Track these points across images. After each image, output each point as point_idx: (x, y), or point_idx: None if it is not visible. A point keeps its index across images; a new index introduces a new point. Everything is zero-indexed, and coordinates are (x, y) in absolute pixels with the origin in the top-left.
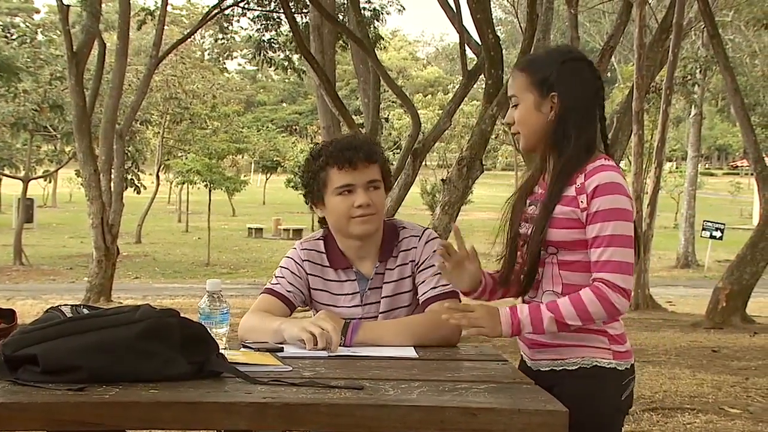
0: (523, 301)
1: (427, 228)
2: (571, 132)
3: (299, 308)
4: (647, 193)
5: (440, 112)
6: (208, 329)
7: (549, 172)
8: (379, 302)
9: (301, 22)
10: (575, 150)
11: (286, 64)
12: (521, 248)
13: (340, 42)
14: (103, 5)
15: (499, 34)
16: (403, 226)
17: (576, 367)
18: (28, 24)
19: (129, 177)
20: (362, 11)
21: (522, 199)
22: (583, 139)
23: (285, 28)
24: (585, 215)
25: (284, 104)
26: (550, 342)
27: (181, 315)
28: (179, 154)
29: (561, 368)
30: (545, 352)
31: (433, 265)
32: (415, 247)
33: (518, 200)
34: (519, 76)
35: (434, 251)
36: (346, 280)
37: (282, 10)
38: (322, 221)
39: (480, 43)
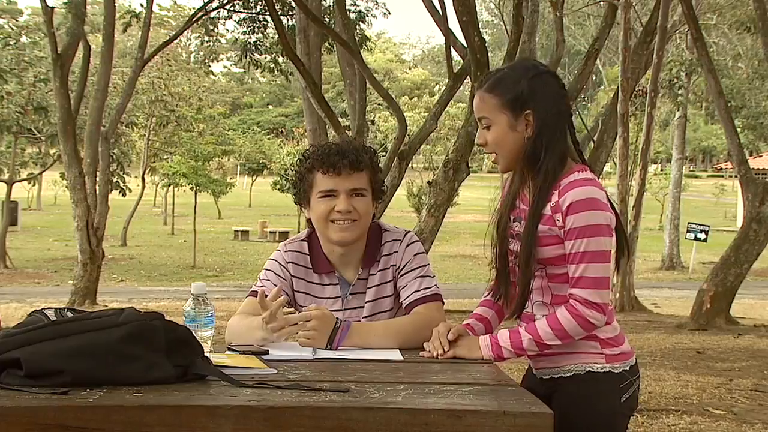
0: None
1: (409, 231)
2: (547, 146)
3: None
4: (632, 195)
5: (426, 114)
6: (193, 332)
7: (529, 188)
8: (362, 307)
9: (287, 25)
10: (551, 163)
11: (272, 66)
12: (511, 262)
13: (326, 44)
14: (88, 7)
15: (485, 36)
16: (385, 230)
17: (571, 374)
18: (12, 26)
19: (114, 179)
20: (348, 13)
21: (506, 215)
22: (558, 151)
23: (271, 30)
24: (562, 232)
25: (270, 106)
26: (544, 352)
27: (167, 318)
28: (165, 157)
29: (558, 375)
30: (543, 360)
31: (416, 268)
32: (397, 252)
33: (502, 217)
34: (489, 98)
35: (415, 255)
36: (328, 284)
37: (268, 13)
38: (310, 222)
39: (466, 45)
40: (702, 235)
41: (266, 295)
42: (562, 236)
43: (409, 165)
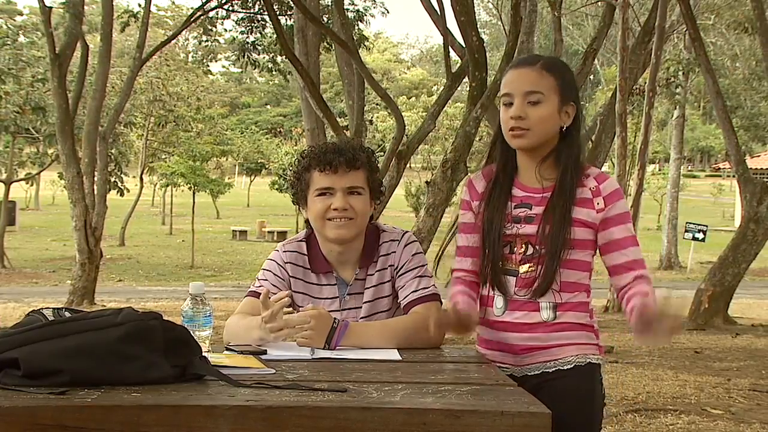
0: (510, 300)
1: (407, 231)
2: (576, 138)
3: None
4: (631, 195)
5: (424, 114)
6: (192, 332)
7: (540, 176)
8: (359, 307)
9: (285, 24)
10: (578, 153)
11: (270, 66)
12: (502, 249)
13: (325, 44)
14: (86, 7)
15: (483, 36)
16: (383, 230)
17: (571, 366)
18: (9, 26)
19: (112, 179)
20: (346, 13)
21: (503, 201)
22: (580, 146)
23: (269, 30)
24: (602, 216)
25: (269, 106)
26: (543, 345)
27: (165, 318)
28: (163, 157)
29: (554, 369)
30: (538, 354)
31: (414, 269)
32: (395, 252)
33: (499, 203)
34: (547, 76)
35: (413, 255)
36: (326, 284)
37: (266, 12)
38: (308, 223)
39: (464, 45)
40: (700, 235)
41: (269, 296)
42: (597, 221)
43: (408, 165)
